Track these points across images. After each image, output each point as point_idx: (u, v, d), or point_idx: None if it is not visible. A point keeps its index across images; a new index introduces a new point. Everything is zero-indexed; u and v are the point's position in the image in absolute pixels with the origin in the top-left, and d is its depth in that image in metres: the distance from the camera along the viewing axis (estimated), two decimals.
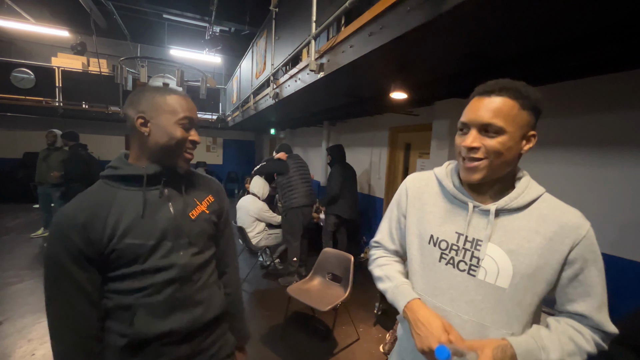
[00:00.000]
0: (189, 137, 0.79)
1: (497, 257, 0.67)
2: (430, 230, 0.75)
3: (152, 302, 0.74)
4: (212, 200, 0.90)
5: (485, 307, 0.67)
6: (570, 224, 0.65)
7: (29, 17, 5.87)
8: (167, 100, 0.76)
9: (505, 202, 0.68)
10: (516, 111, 0.64)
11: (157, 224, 0.75)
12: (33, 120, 6.83)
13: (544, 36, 1.41)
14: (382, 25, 1.53)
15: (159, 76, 5.47)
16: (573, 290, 0.66)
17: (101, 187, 0.77)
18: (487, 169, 0.66)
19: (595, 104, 1.84)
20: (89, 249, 0.69)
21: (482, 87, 0.69)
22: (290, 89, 2.92)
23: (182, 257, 0.78)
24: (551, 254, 0.65)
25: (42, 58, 6.79)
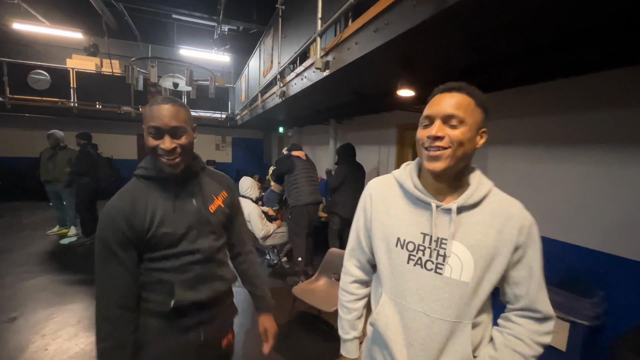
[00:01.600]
0: (160, 144, 0.86)
1: (460, 253, 0.71)
2: (396, 233, 0.77)
3: (185, 277, 0.92)
4: (226, 195, 1.06)
5: (451, 304, 0.71)
6: (515, 214, 0.72)
7: (44, 20, 6.03)
8: (146, 111, 0.86)
9: (464, 200, 0.72)
10: (472, 107, 0.70)
11: (185, 216, 0.92)
12: (49, 121, 7.03)
13: (553, 29, 1.34)
14: (387, 21, 1.50)
15: (168, 76, 5.52)
16: (517, 274, 0.72)
17: (137, 184, 0.92)
18: (450, 158, 0.69)
19: (609, 99, 1.75)
20: (132, 234, 0.85)
21: (442, 86, 0.75)
22: (297, 87, 2.90)
23: (206, 242, 0.96)
24: (503, 244, 0.70)
25: (57, 60, 6.98)
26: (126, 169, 8.11)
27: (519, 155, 2.26)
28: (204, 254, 0.95)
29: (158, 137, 0.86)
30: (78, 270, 3.41)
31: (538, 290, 0.72)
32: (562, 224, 1.98)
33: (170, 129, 0.86)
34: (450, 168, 0.70)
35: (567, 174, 1.96)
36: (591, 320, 1.56)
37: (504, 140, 2.36)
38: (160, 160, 0.87)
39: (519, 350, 0.72)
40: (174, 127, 0.86)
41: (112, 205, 0.87)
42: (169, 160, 0.87)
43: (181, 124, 0.88)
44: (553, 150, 2.04)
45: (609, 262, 1.73)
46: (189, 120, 0.92)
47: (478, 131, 0.72)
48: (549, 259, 2.13)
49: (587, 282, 1.78)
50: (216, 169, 1.13)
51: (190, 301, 0.92)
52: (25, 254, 3.79)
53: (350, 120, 4.65)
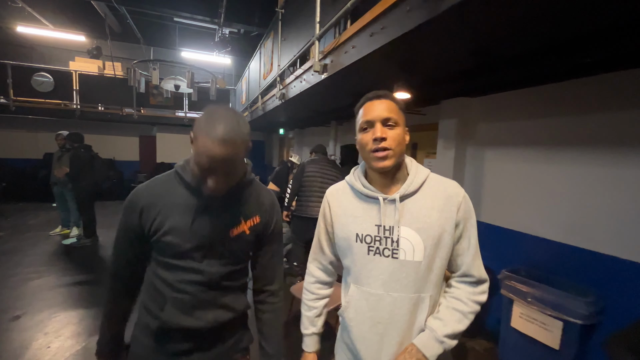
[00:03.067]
0: (206, 179, 0.76)
1: (409, 237, 0.79)
2: (354, 230, 0.85)
3: (180, 297, 0.82)
4: (258, 221, 0.90)
5: (409, 282, 0.80)
6: (452, 193, 0.82)
7: (48, 24, 6.11)
8: (201, 135, 0.72)
9: (405, 189, 0.82)
10: (398, 109, 0.82)
11: (198, 231, 0.82)
12: (53, 122, 7.12)
13: (546, 34, 1.37)
14: (383, 25, 1.53)
15: (170, 78, 5.59)
16: (459, 246, 0.83)
17: (170, 177, 0.87)
18: (394, 156, 0.79)
19: (605, 102, 1.78)
20: (141, 229, 0.82)
21: (369, 95, 0.85)
22: (296, 90, 2.94)
23: (213, 265, 0.85)
24: (446, 221, 0.80)
25: (61, 62, 7.07)
26: (128, 170, 8.18)
27: (515, 157, 2.28)
28: (208, 277, 0.84)
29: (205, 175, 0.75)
30: (81, 271, 3.45)
31: (474, 258, 0.83)
32: (557, 224, 2.00)
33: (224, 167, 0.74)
34: (394, 164, 0.80)
35: (562, 176, 1.98)
36: (585, 319, 1.58)
37: (501, 142, 2.39)
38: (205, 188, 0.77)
39: (458, 308, 0.82)
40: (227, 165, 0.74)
41: (135, 192, 0.85)
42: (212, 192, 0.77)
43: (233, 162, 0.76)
44: (549, 152, 2.06)
45: (603, 262, 1.75)
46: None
47: (405, 130, 0.83)
48: (543, 259, 2.14)
49: (581, 282, 1.80)
50: None
51: (180, 326, 0.82)
52: (30, 254, 3.84)
53: (351, 121, 4.69)
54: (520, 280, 1.86)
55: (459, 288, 0.85)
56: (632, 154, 1.67)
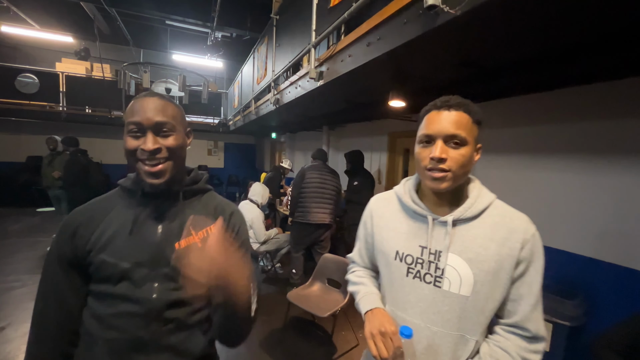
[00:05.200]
0: (140, 145, 0.66)
1: (458, 266, 0.69)
2: (395, 247, 0.78)
3: (113, 338, 0.65)
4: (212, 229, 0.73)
5: (452, 317, 0.70)
6: (519, 228, 0.70)
7: (34, 24, 5.96)
8: (129, 107, 0.69)
9: (461, 213, 0.71)
10: (471, 125, 0.69)
11: (138, 246, 0.68)
12: (37, 125, 6.91)
13: (536, 45, 1.44)
14: (379, 36, 1.57)
15: (161, 81, 5.52)
16: (516, 291, 0.69)
17: (112, 194, 0.76)
18: (453, 179, 0.69)
19: (588, 112, 1.87)
20: (73, 254, 0.68)
21: (438, 101, 0.72)
22: (291, 95, 2.96)
23: (156, 290, 0.67)
24: (505, 258, 0.68)
25: (47, 63, 6.88)
26: (116, 174, 8.00)
27: (504, 164, 2.36)
28: (146, 307, 0.65)
29: (139, 136, 0.67)
30: None
31: (533, 309, 0.68)
32: (544, 229, 2.06)
33: (155, 124, 0.67)
34: (452, 186, 0.70)
35: (548, 182, 2.06)
36: (572, 320, 1.64)
37: (491, 149, 2.46)
38: (141, 167, 0.67)
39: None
40: (159, 122, 0.67)
41: (69, 215, 0.72)
42: (150, 165, 0.66)
43: (169, 120, 0.69)
44: (536, 159, 2.14)
45: (588, 265, 1.83)
46: (180, 118, 0.72)
47: (476, 147, 0.72)
48: None
49: (568, 285, 1.87)
50: (208, 174, 0.86)
51: None
52: (12, 262, 3.70)
53: (343, 127, 4.73)
54: None
55: (508, 339, 0.69)
56: (611, 162, 1.76)
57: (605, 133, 1.79)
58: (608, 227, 1.76)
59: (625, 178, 1.70)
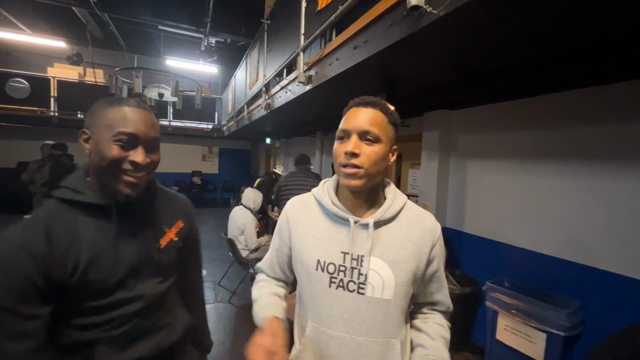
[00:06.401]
0: (128, 157, 0.66)
1: (380, 270, 0.68)
2: (316, 255, 0.72)
3: (115, 334, 0.68)
4: (182, 225, 0.84)
5: (376, 323, 0.68)
6: (429, 227, 0.73)
7: (25, 29, 5.92)
8: (108, 113, 0.65)
9: (381, 214, 0.71)
10: (386, 124, 0.70)
11: (124, 257, 0.69)
12: (28, 130, 6.82)
13: (526, 49, 1.42)
14: (365, 39, 1.54)
15: (154, 86, 5.48)
16: (433, 285, 0.77)
17: (55, 212, 0.66)
18: (365, 176, 0.68)
19: (581, 117, 1.84)
20: (45, 284, 0.60)
21: (357, 100, 0.74)
22: (282, 100, 2.93)
23: (149, 287, 0.74)
24: (419, 256, 0.71)
25: (38, 68, 6.82)
26: None
27: (496, 169, 2.33)
28: (147, 302, 0.72)
29: (127, 147, 0.66)
30: None
31: (447, 296, 0.79)
32: (537, 235, 2.04)
33: (150, 140, 0.69)
34: (365, 185, 0.69)
35: (540, 187, 2.03)
36: (567, 330, 1.59)
37: (482, 153, 2.44)
38: (121, 178, 0.66)
39: (443, 334, 0.75)
40: (154, 138, 0.70)
41: (17, 243, 0.59)
42: (133, 177, 0.67)
43: (159, 136, 0.72)
44: (527, 164, 2.12)
45: (583, 273, 1.78)
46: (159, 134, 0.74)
47: (391, 148, 0.72)
48: (524, 270, 2.17)
49: (562, 293, 1.83)
50: (202, 180, 0.93)
51: None
52: None
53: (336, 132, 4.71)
54: (504, 292, 1.87)
55: (436, 315, 0.79)
56: (607, 167, 1.73)
57: (599, 138, 1.76)
58: (602, 234, 1.72)
59: (619, 184, 1.67)
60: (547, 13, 1.04)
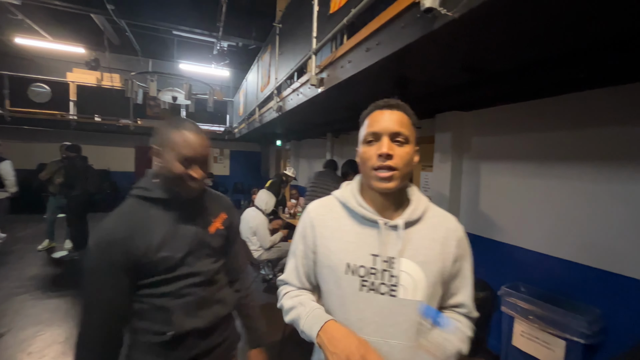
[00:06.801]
0: (188, 172, 0.85)
1: (411, 271, 0.68)
2: (344, 259, 0.70)
3: (185, 302, 0.87)
4: (225, 217, 1.03)
5: (408, 326, 0.67)
6: (452, 227, 0.74)
7: (46, 35, 6.15)
8: (172, 135, 0.84)
9: (409, 215, 0.71)
10: (411, 125, 0.71)
11: (185, 239, 0.88)
12: (48, 133, 7.07)
13: (540, 49, 1.39)
14: (378, 42, 1.54)
15: (167, 89, 5.60)
16: (455, 285, 0.75)
17: (134, 206, 0.88)
18: (399, 178, 0.68)
19: (599, 117, 1.79)
20: (128, 261, 0.80)
21: (380, 103, 0.74)
22: (293, 103, 2.95)
23: (205, 264, 0.93)
24: (446, 256, 0.71)
25: (58, 73, 7.08)
26: (123, 181, 8.10)
27: (511, 171, 2.28)
28: (205, 276, 0.92)
29: (188, 166, 0.84)
30: (69, 285, 3.34)
31: (471, 299, 0.77)
32: (554, 238, 1.98)
33: (204, 158, 0.88)
34: (399, 186, 0.69)
35: (558, 189, 1.98)
36: (587, 338, 1.54)
37: (496, 156, 2.39)
38: (186, 185, 0.86)
39: (462, 329, 0.73)
40: (206, 156, 0.89)
41: (107, 231, 0.82)
42: (195, 186, 0.87)
43: (209, 154, 0.92)
44: (544, 166, 2.06)
45: (604, 279, 1.72)
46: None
47: (415, 149, 0.72)
48: (541, 275, 2.11)
49: (581, 300, 1.77)
50: (213, 181, 1.16)
51: (190, 329, 0.87)
52: (17, 268, 3.73)
53: (347, 134, 4.70)
54: (520, 297, 1.83)
55: (457, 315, 0.77)
56: (625, 169, 1.67)
57: (622, 138, 1.70)
58: (625, 238, 1.66)
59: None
60: (568, 10, 1.01)
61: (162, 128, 0.86)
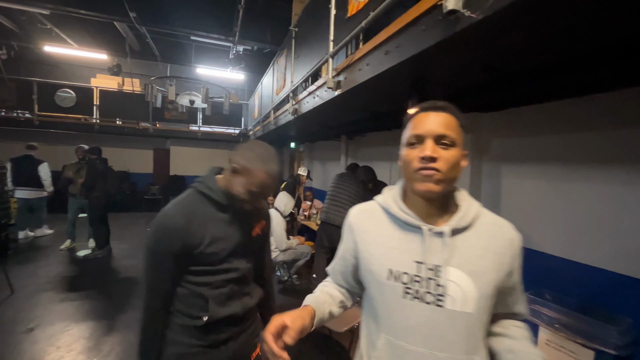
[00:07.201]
0: (249, 200, 0.97)
1: (460, 281, 0.64)
2: (387, 265, 0.69)
3: (219, 293, 0.98)
4: (264, 224, 1.17)
5: (457, 339, 0.64)
6: (509, 237, 0.69)
7: (72, 43, 6.44)
8: (254, 171, 0.93)
9: (457, 222, 0.67)
10: (458, 127, 0.67)
11: (231, 239, 1.00)
12: (72, 136, 7.38)
13: (567, 48, 1.35)
14: (397, 44, 1.53)
15: (185, 93, 5.76)
16: (511, 298, 0.72)
17: (194, 198, 0.99)
18: (444, 181, 0.65)
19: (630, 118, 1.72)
20: (184, 247, 0.91)
21: (425, 104, 0.71)
22: (309, 105, 2.97)
23: (242, 263, 1.04)
24: (501, 267, 0.67)
25: (83, 79, 7.39)
26: (142, 182, 8.35)
27: (533, 174, 2.22)
28: (240, 273, 1.03)
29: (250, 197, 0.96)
30: (93, 283, 3.48)
31: (526, 308, 0.76)
32: (580, 244, 1.91)
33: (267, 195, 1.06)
34: (443, 191, 0.66)
35: (583, 194, 1.90)
36: (618, 349, 1.48)
37: (517, 158, 2.33)
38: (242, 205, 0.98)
39: (529, 337, 0.72)
40: (269, 194, 1.10)
41: (168, 217, 0.93)
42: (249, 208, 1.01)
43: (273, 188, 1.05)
44: (571, 168, 1.99)
45: (637, 287, 1.64)
46: None
47: (463, 153, 0.68)
48: (566, 282, 2.03)
49: (610, 309, 1.69)
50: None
51: (222, 316, 0.98)
52: (44, 265, 3.90)
53: (362, 136, 4.68)
54: (545, 304, 1.77)
55: (520, 327, 0.74)
56: None
57: None
58: None
59: None
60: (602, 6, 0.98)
61: (249, 153, 0.95)
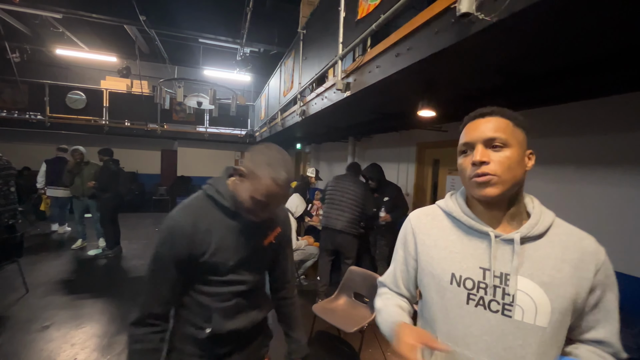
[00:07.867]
0: (256, 210, 0.87)
1: (531, 292, 0.60)
2: (450, 269, 0.67)
3: (225, 306, 0.92)
4: (280, 230, 1.05)
5: (527, 353, 0.59)
6: (590, 249, 0.64)
7: (83, 46, 6.55)
8: (263, 178, 0.82)
9: (528, 230, 0.64)
10: (512, 127, 0.65)
11: (240, 249, 0.92)
12: (82, 137, 7.51)
13: (585, 50, 1.35)
14: (409, 47, 1.55)
15: (193, 95, 5.82)
16: (592, 317, 0.64)
17: (203, 203, 0.92)
18: (500, 183, 0.62)
19: None
20: (188, 255, 0.86)
21: (472, 114, 0.70)
22: (317, 107, 2.99)
23: (252, 275, 0.97)
24: (580, 282, 0.61)
25: (92, 81, 7.53)
26: (150, 183, 8.45)
27: (546, 175, 2.21)
28: (248, 286, 0.95)
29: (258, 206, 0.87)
30: (104, 282, 3.55)
31: (618, 337, 0.64)
32: None
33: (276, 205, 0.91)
34: (503, 194, 0.63)
35: (601, 196, 1.89)
36: (632, 352, 1.46)
37: None
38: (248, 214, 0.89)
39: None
40: (279, 204, 0.92)
41: (176, 221, 0.86)
42: (255, 219, 0.90)
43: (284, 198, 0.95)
44: (585, 170, 1.98)
45: None
46: None
47: (525, 152, 0.66)
48: None
49: (628, 312, 1.68)
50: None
51: (226, 331, 0.91)
52: (57, 264, 3.98)
53: (369, 138, 4.69)
54: None
55: (604, 357, 0.64)
56: None
57: None
58: None
59: None
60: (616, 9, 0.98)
61: (259, 155, 0.85)
